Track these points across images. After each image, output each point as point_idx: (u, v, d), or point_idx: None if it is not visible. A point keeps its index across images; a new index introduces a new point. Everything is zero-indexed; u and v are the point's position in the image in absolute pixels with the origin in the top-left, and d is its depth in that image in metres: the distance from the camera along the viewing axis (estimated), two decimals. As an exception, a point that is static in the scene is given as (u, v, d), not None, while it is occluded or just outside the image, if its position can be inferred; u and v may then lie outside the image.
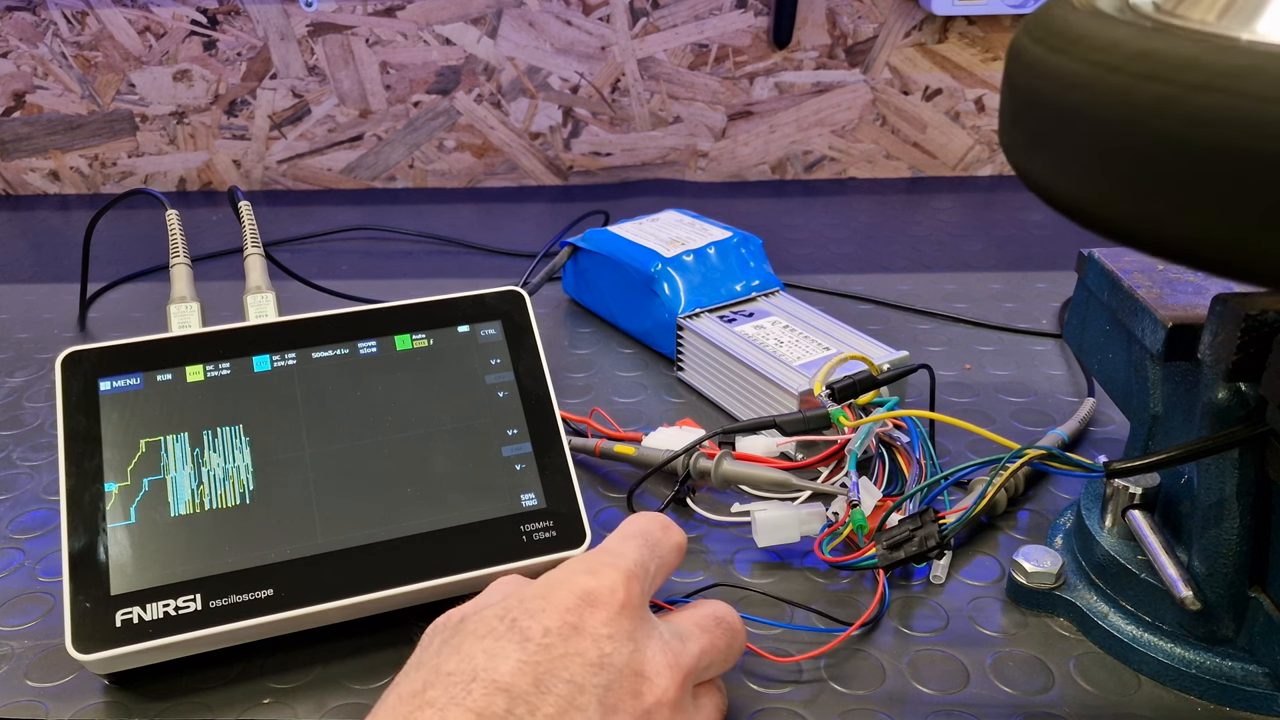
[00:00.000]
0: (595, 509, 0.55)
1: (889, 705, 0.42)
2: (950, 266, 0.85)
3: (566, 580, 0.35)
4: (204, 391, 0.46)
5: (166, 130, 1.03)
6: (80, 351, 0.45)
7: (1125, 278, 0.46)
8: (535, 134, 1.04)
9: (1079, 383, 0.67)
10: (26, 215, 1.01)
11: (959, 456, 0.59)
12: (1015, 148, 0.36)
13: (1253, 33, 0.30)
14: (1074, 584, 0.47)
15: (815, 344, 0.62)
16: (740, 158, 1.05)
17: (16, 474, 0.58)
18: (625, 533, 0.39)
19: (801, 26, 0.99)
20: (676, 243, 0.71)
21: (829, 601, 0.48)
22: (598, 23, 0.99)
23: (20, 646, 0.46)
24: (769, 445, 0.55)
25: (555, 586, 0.35)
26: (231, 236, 0.91)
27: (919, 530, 0.45)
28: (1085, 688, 0.43)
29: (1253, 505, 0.41)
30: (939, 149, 1.05)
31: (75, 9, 0.97)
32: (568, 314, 0.77)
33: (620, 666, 0.33)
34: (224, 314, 0.52)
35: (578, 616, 0.34)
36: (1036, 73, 0.34)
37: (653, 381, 0.68)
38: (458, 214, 0.98)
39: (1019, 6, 0.96)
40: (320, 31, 0.99)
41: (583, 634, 0.33)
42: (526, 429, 0.48)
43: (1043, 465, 0.44)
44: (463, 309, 0.50)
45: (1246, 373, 0.38)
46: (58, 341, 0.74)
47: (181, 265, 0.54)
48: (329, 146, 1.04)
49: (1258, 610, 0.41)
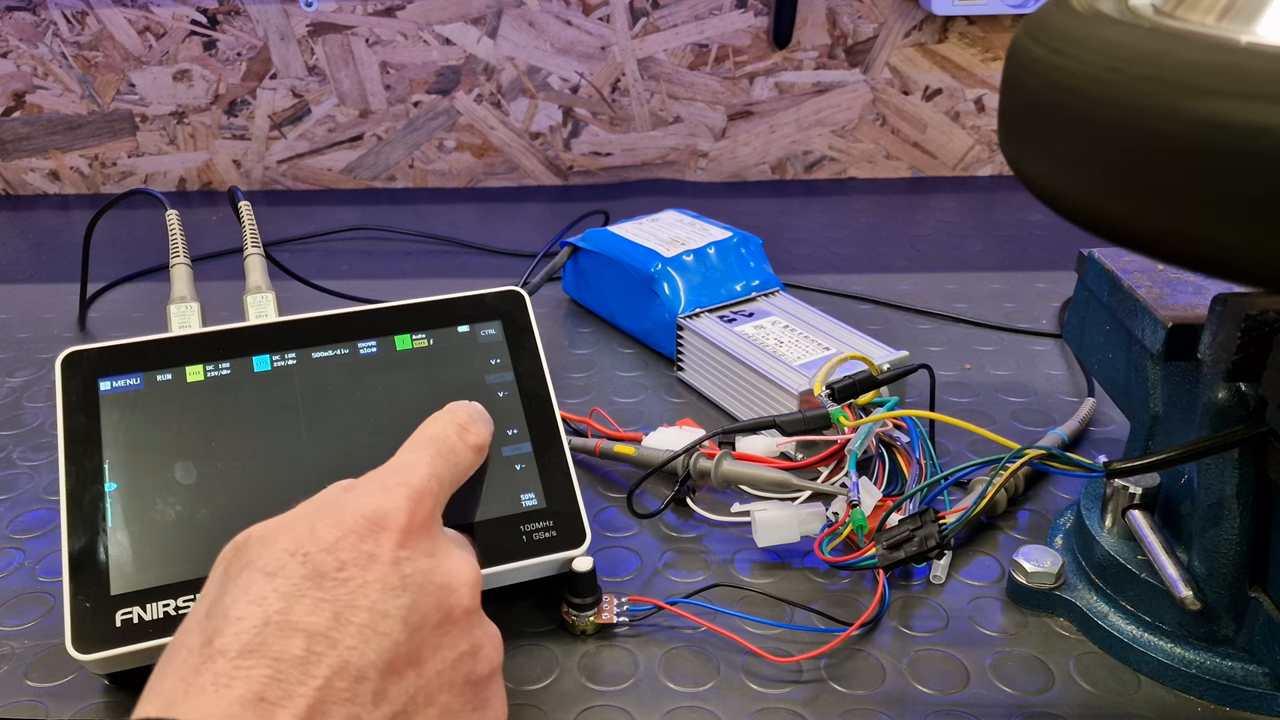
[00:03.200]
0: (595, 509, 0.55)
1: (889, 705, 0.43)
2: (950, 266, 0.85)
3: (358, 505, 0.34)
4: (204, 391, 0.46)
5: (166, 130, 1.03)
6: (80, 351, 0.45)
7: (1125, 278, 0.46)
8: (535, 134, 1.04)
9: (1079, 383, 0.67)
10: (26, 215, 1.01)
11: (959, 456, 0.59)
12: (1015, 148, 0.36)
13: (1252, 34, 0.30)
14: (1074, 584, 0.47)
15: (815, 344, 0.62)
16: (740, 158, 1.05)
17: (16, 474, 0.58)
18: (417, 442, 0.39)
19: (801, 26, 0.99)
20: (676, 243, 0.71)
21: (829, 601, 0.48)
22: (598, 23, 0.99)
23: (20, 646, 0.46)
24: (769, 445, 0.55)
25: (346, 512, 0.34)
26: (231, 236, 0.91)
27: (919, 530, 0.45)
28: (1085, 688, 0.43)
29: (1253, 505, 0.41)
30: (939, 149, 1.05)
31: (75, 9, 0.97)
32: (568, 314, 0.77)
33: (421, 583, 0.33)
34: (224, 314, 0.52)
35: (373, 543, 0.33)
36: (1036, 73, 0.34)
37: (653, 381, 0.68)
38: (458, 214, 0.98)
39: (1019, 6, 0.96)
40: (320, 31, 0.99)
41: (379, 560, 0.33)
42: (526, 429, 0.48)
43: (1043, 465, 0.44)
44: (463, 309, 0.50)
45: (1246, 373, 0.38)
46: (58, 341, 0.74)
47: (181, 265, 0.54)
48: (329, 146, 1.04)
49: (1258, 610, 0.42)
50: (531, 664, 0.45)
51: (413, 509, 0.35)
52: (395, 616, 0.32)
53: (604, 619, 0.46)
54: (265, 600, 0.31)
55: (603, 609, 0.46)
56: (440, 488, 0.37)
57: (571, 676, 0.44)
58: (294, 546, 0.33)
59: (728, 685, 0.44)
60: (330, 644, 0.30)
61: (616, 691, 0.43)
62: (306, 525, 0.33)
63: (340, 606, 0.31)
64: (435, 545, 0.35)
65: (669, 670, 0.44)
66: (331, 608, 0.31)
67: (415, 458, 0.38)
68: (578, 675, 0.44)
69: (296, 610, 0.31)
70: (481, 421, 0.42)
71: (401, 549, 0.34)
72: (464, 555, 0.36)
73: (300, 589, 0.31)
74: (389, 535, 0.34)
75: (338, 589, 0.32)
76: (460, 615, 0.35)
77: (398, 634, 0.32)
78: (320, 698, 0.29)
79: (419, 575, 0.34)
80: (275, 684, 0.29)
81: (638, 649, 0.45)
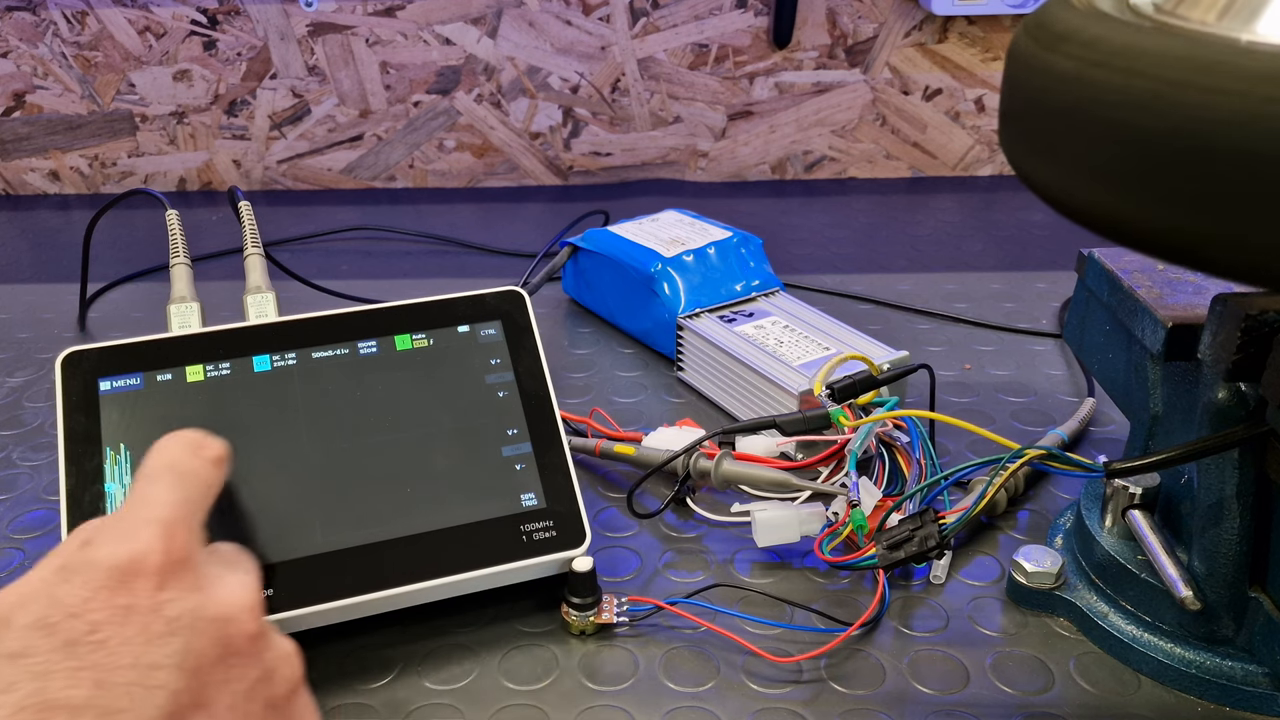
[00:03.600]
0: (595, 509, 0.55)
1: (889, 705, 0.42)
2: (950, 266, 0.85)
3: (101, 557, 0.31)
4: (204, 391, 0.46)
5: (166, 130, 1.03)
6: (80, 351, 0.45)
7: (1125, 278, 0.46)
8: (535, 134, 1.04)
9: (1079, 383, 0.67)
10: (26, 215, 1.01)
11: (959, 456, 0.59)
12: (1015, 148, 0.36)
13: (1252, 33, 0.30)
14: (1074, 584, 0.47)
15: (815, 344, 0.62)
16: (740, 158, 1.05)
17: (16, 474, 0.58)
18: (150, 472, 0.36)
19: (801, 26, 0.99)
20: (676, 243, 0.71)
21: (829, 601, 0.48)
22: (598, 23, 0.99)
23: (20, 646, 0.46)
24: (769, 445, 0.55)
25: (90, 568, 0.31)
26: (231, 236, 0.91)
27: (919, 530, 0.45)
28: (1085, 688, 0.43)
29: (1253, 505, 0.41)
30: (939, 149, 1.05)
31: (75, 9, 0.97)
32: (568, 314, 0.77)
33: (191, 623, 0.31)
34: (224, 314, 0.52)
35: (127, 594, 0.30)
36: (1036, 72, 0.34)
37: (653, 381, 0.68)
38: (458, 214, 0.98)
39: (1019, 6, 0.96)
40: (320, 31, 0.99)
41: (138, 611, 0.30)
42: (526, 429, 0.48)
43: (1043, 465, 0.44)
44: (463, 309, 0.50)
45: (1246, 373, 0.38)
46: (58, 341, 0.74)
47: (181, 265, 0.53)
48: (329, 146, 1.04)
49: (1258, 610, 0.41)
50: (531, 664, 0.45)
51: (166, 546, 0.32)
52: (168, 665, 0.30)
53: (604, 619, 0.46)
54: (16, 686, 0.28)
55: (603, 609, 0.46)
56: (190, 513, 0.34)
57: (571, 676, 0.44)
58: (37, 620, 0.30)
59: (728, 685, 0.44)
60: (99, 714, 0.28)
61: (616, 691, 0.43)
62: (47, 593, 0.30)
63: (101, 672, 0.29)
64: (200, 577, 0.32)
65: (669, 670, 0.44)
66: (92, 675, 0.29)
67: (155, 489, 0.34)
68: (578, 675, 0.44)
69: (51, 688, 0.28)
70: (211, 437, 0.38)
71: (162, 592, 0.31)
72: (236, 579, 0.34)
73: (51, 664, 0.29)
74: (144, 581, 0.31)
75: (95, 653, 0.29)
76: (244, 643, 0.32)
77: (175, 683, 0.30)
78: None
79: (186, 616, 0.31)
80: None
81: (638, 649, 0.45)
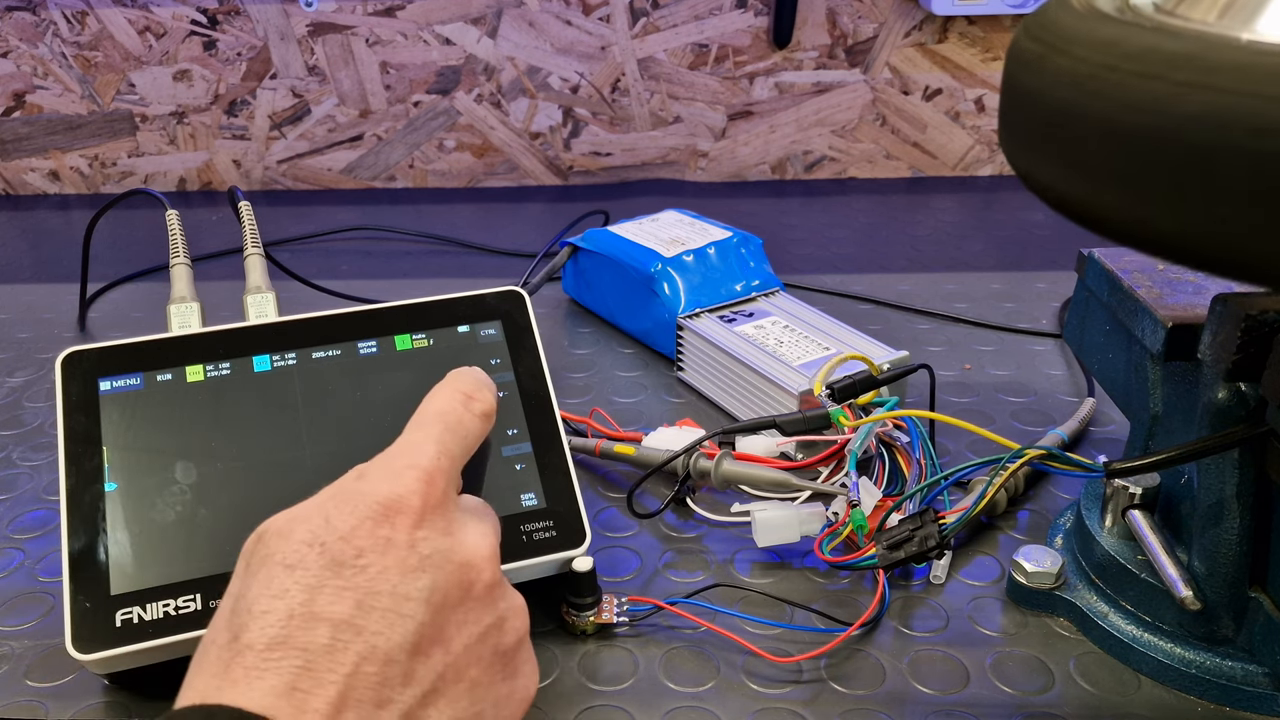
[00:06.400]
0: (595, 509, 0.55)
1: (889, 705, 0.42)
2: (950, 266, 0.85)
3: (371, 491, 0.34)
4: (204, 391, 0.46)
5: (166, 130, 1.03)
6: (80, 351, 0.45)
7: (1125, 278, 0.46)
8: (535, 134, 1.04)
9: (1079, 383, 0.67)
10: (26, 215, 1.01)
11: (959, 456, 0.59)
12: (1015, 148, 0.36)
13: (1253, 32, 0.30)
14: (1074, 584, 0.47)
15: (815, 344, 0.62)
16: (740, 158, 1.05)
17: (16, 474, 0.58)
18: (423, 419, 0.39)
19: (801, 26, 0.99)
20: (676, 243, 0.71)
21: (829, 601, 0.48)
22: (598, 23, 0.99)
23: (20, 646, 0.46)
24: (769, 445, 0.55)
25: (360, 499, 0.34)
26: (231, 236, 0.91)
27: (919, 530, 0.45)
28: (1085, 688, 0.43)
29: (1253, 505, 0.41)
30: (939, 149, 1.05)
31: (75, 9, 0.97)
32: (568, 314, 0.77)
33: (440, 563, 0.34)
34: (224, 314, 0.52)
35: (389, 528, 0.33)
36: (1036, 73, 0.34)
37: (653, 381, 0.68)
38: (458, 214, 0.98)
39: (1019, 6, 0.96)
40: (320, 31, 0.99)
41: (397, 545, 0.33)
42: (526, 429, 0.48)
43: (1043, 465, 0.44)
44: (463, 309, 0.50)
45: (1246, 373, 0.38)
46: (58, 341, 0.74)
47: (181, 265, 0.53)
48: (329, 146, 1.04)
49: (1258, 610, 0.41)
50: (531, 664, 0.45)
51: (426, 490, 0.35)
52: (417, 598, 0.32)
53: (604, 619, 0.46)
54: (287, 593, 0.31)
55: (603, 609, 0.46)
56: (451, 464, 0.37)
57: (571, 676, 0.44)
58: (311, 537, 0.33)
59: (728, 685, 0.44)
60: (355, 631, 0.31)
61: (616, 691, 0.43)
62: (321, 516, 0.34)
63: (361, 594, 0.32)
64: (451, 523, 0.35)
65: (669, 670, 0.44)
66: (353, 595, 0.31)
67: (422, 435, 0.37)
68: (578, 675, 0.44)
69: (319, 601, 0.31)
70: (485, 387, 0.41)
71: (418, 530, 0.34)
72: (481, 529, 0.36)
73: (321, 579, 0.32)
74: (404, 519, 0.34)
75: (357, 576, 0.32)
76: (481, 590, 0.35)
77: (421, 615, 0.32)
78: (350, 684, 0.30)
79: (437, 556, 0.34)
80: (306, 674, 0.29)
81: (638, 649, 0.45)
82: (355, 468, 0.37)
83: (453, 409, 0.39)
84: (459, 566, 0.34)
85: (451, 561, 0.34)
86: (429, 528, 0.34)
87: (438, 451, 0.37)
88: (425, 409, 0.39)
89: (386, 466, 0.36)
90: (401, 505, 0.34)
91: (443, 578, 0.33)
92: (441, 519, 0.35)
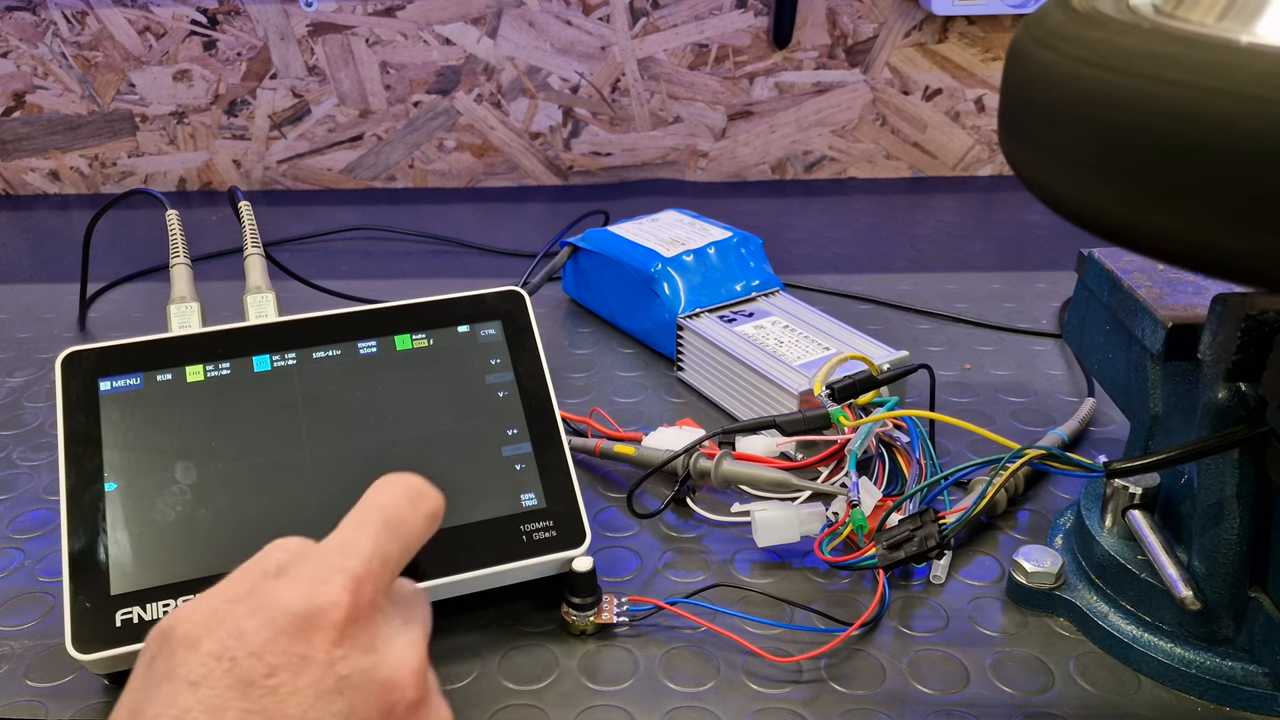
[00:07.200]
0: (595, 509, 0.55)
1: (889, 705, 0.43)
2: (950, 266, 0.85)
3: (290, 599, 0.31)
4: (204, 391, 0.46)
5: (166, 130, 1.03)
6: (80, 351, 0.45)
7: (1125, 278, 0.46)
8: (535, 134, 1.04)
9: (1079, 383, 0.67)
10: (26, 215, 1.00)
11: (959, 456, 0.59)
12: (1014, 148, 0.36)
13: (1252, 34, 0.30)
14: (1074, 584, 0.47)
15: (815, 344, 0.62)
16: (740, 158, 1.05)
17: (16, 474, 0.58)
18: (363, 514, 0.35)
19: (801, 26, 0.99)
20: (676, 243, 0.71)
21: (829, 601, 0.48)
22: (598, 23, 0.99)
23: (20, 646, 0.46)
24: (769, 445, 0.55)
25: (278, 608, 0.31)
26: (231, 236, 0.91)
27: (919, 530, 0.45)
28: (1085, 688, 0.43)
29: (1253, 505, 0.41)
30: (939, 149, 1.05)
31: (75, 9, 0.97)
32: (568, 314, 0.77)
33: (360, 684, 0.31)
34: (224, 314, 0.52)
35: (306, 644, 0.31)
36: (1036, 73, 0.34)
37: (653, 381, 0.68)
38: (458, 214, 0.98)
39: (1019, 6, 0.96)
40: (320, 31, 0.99)
41: (313, 663, 0.31)
42: (526, 429, 0.48)
43: (1043, 465, 0.44)
44: (463, 309, 0.50)
45: (1246, 373, 0.38)
46: (58, 341, 0.74)
47: (181, 265, 0.54)
48: (329, 146, 1.04)
49: (1258, 610, 0.41)
50: (531, 664, 0.45)
51: (351, 602, 0.32)
52: None
53: (604, 619, 0.46)
54: (189, 714, 0.29)
55: (603, 609, 0.46)
56: (385, 568, 0.34)
57: (571, 676, 0.44)
58: (220, 650, 0.30)
59: (728, 685, 0.44)
60: None
61: (616, 691, 0.43)
62: (233, 624, 0.31)
63: (269, 718, 0.29)
64: (375, 638, 0.32)
65: (669, 670, 0.44)
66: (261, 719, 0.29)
67: (359, 535, 0.34)
68: (578, 675, 0.44)
69: None
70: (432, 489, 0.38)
71: (337, 648, 0.31)
72: (409, 638, 0.34)
73: (226, 700, 0.29)
74: (323, 634, 0.31)
75: (266, 698, 0.30)
76: (403, 712, 0.32)
77: None
78: None
79: (356, 675, 0.31)
80: None
81: (638, 649, 0.45)
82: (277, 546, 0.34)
83: (396, 505, 0.36)
84: (381, 686, 0.32)
85: (373, 681, 0.32)
86: (350, 644, 0.31)
87: (372, 553, 0.34)
88: (367, 501, 0.36)
89: (314, 566, 0.33)
90: (321, 619, 0.31)
91: (360, 700, 0.31)
92: (365, 633, 0.32)
